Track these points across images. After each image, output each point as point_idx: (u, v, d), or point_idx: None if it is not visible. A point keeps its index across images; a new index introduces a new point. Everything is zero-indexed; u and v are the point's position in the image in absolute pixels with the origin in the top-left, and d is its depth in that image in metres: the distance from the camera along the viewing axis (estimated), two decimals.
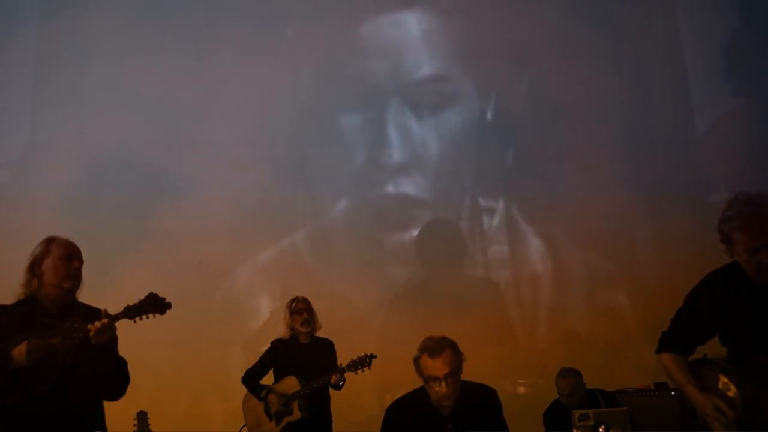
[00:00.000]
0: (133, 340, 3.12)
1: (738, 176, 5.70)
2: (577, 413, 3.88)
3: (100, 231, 5.81)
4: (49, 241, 2.98)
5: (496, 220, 6.18)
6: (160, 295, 2.86)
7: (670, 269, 5.67)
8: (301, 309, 4.70)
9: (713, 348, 2.86)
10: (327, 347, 4.78)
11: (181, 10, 6.41)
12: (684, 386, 2.75)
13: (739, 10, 6.24)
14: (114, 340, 2.87)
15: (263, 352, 4.86)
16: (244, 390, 4.86)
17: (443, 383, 2.82)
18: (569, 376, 4.59)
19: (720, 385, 2.67)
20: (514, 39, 6.22)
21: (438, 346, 2.86)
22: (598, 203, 5.93)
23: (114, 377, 2.92)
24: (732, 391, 2.62)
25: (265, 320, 6.11)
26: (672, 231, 5.80)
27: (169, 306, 2.85)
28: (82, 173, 6.20)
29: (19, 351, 2.68)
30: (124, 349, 3.06)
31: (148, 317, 2.83)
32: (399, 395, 3.07)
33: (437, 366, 2.83)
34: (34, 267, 2.92)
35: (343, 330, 4.96)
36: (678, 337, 2.83)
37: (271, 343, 4.83)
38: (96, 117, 6.25)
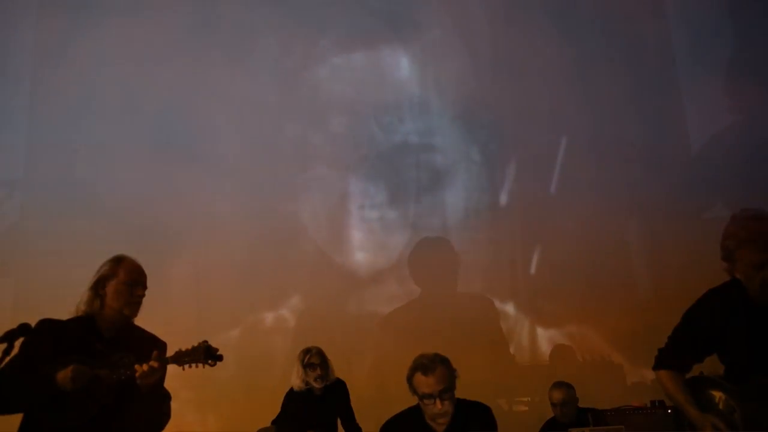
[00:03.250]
0: None
1: (733, 193, 5.71)
2: (573, 431, 3.86)
3: (97, 244, 5.79)
4: (118, 262, 2.91)
5: (491, 237, 6.17)
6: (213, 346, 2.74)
7: (665, 286, 5.67)
8: (314, 363, 4.55)
9: (709, 365, 2.85)
10: (340, 392, 4.69)
11: (180, 19, 6.45)
12: (682, 404, 2.73)
13: (734, 26, 6.28)
14: (161, 379, 2.78)
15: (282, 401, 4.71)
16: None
17: (437, 400, 2.79)
18: (563, 387, 4.59)
19: (720, 405, 2.66)
20: (506, 59, 6.26)
21: (430, 363, 2.84)
22: (592, 220, 5.94)
23: (154, 414, 2.83)
24: (734, 411, 2.61)
25: (260, 332, 6.08)
26: (667, 248, 5.81)
27: (220, 358, 2.73)
28: (79, 188, 6.21)
29: (65, 374, 2.60)
30: None
31: (197, 366, 2.71)
32: (395, 413, 3.06)
33: (430, 383, 2.81)
34: (98, 287, 2.85)
35: (339, 348, 4.92)
36: (675, 354, 2.81)
37: (285, 396, 4.69)
38: (93, 126, 6.28)
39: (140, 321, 2.97)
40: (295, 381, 4.60)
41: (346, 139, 6.42)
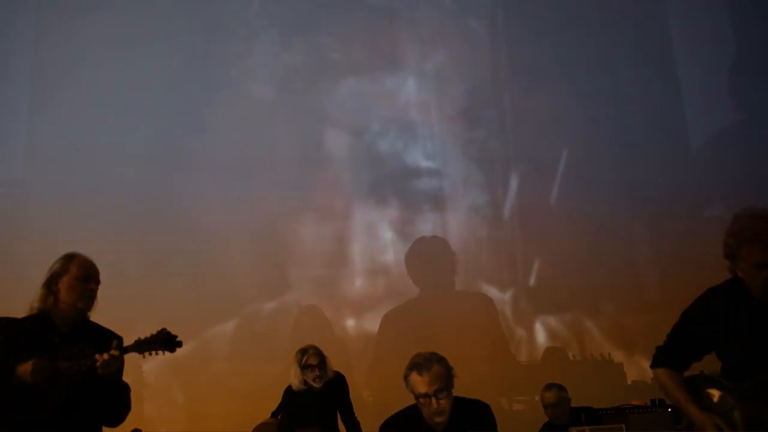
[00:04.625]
0: (127, 357, 3.10)
1: (734, 192, 5.70)
2: (574, 430, 3.86)
3: (96, 245, 5.79)
4: (69, 259, 2.96)
5: (491, 234, 6.17)
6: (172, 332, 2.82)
7: (667, 285, 5.66)
8: (312, 365, 4.49)
9: (707, 364, 2.84)
10: (339, 386, 4.64)
11: (180, 19, 6.46)
12: (682, 403, 2.71)
13: (734, 25, 6.27)
14: (120, 369, 2.84)
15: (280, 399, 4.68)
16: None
17: (433, 399, 2.79)
18: (553, 388, 4.58)
19: (720, 403, 2.64)
20: (506, 61, 6.27)
21: (425, 362, 2.83)
22: (594, 218, 5.93)
23: (115, 405, 2.88)
24: (733, 409, 2.59)
25: (259, 328, 6.08)
26: (668, 246, 5.80)
27: (180, 344, 2.82)
28: (79, 187, 6.22)
29: (24, 369, 2.65)
30: None
31: (158, 353, 2.80)
32: (394, 412, 3.05)
33: (426, 382, 2.80)
34: (51, 283, 2.89)
35: (339, 346, 4.91)
36: (674, 353, 2.80)
37: (284, 392, 4.65)
38: (93, 125, 6.29)
39: (142, 317, 2.98)
40: (293, 381, 4.55)
41: (347, 142, 6.42)
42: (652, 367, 2.86)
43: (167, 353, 2.80)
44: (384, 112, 6.45)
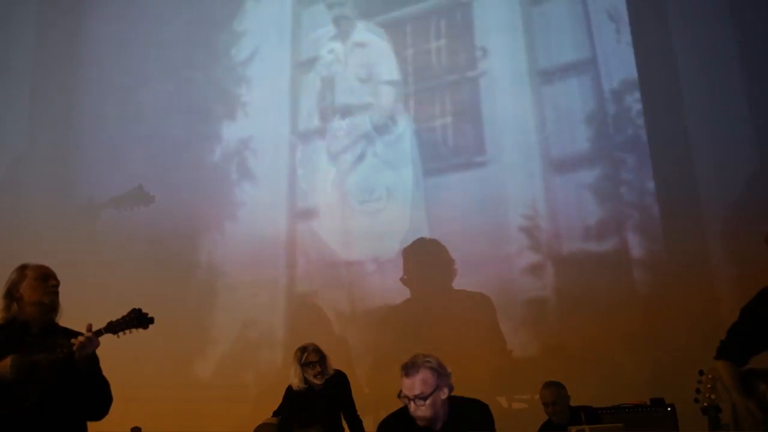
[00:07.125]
0: (130, 355, 3.12)
1: (731, 193, 5.67)
2: (573, 429, 3.86)
3: (95, 244, 5.83)
4: (23, 267, 3.04)
5: (490, 233, 6.16)
6: (144, 311, 2.92)
7: (666, 283, 5.64)
8: (312, 361, 4.46)
9: None
10: (340, 384, 4.61)
11: (180, 18, 6.48)
12: (730, 390, 2.91)
13: (735, 25, 6.26)
14: (96, 360, 2.91)
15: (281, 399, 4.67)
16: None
17: (412, 403, 2.77)
18: (552, 386, 4.58)
19: (763, 392, 2.85)
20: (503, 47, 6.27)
21: (413, 365, 2.80)
22: (591, 214, 5.92)
23: (97, 396, 2.94)
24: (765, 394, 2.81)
25: (262, 333, 6.09)
26: (667, 242, 5.77)
27: (152, 321, 2.91)
28: (78, 184, 6.24)
29: (3, 365, 2.73)
30: (119, 363, 3.09)
31: (131, 332, 2.88)
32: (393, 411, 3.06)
33: (409, 385, 2.78)
34: (12, 291, 2.97)
35: (337, 345, 4.91)
36: (732, 347, 3.01)
37: (286, 392, 4.63)
38: (93, 125, 6.31)
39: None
40: (294, 380, 4.52)
41: (345, 129, 6.43)
42: (715, 359, 3.06)
43: (140, 330, 2.89)
44: (383, 111, 6.46)
